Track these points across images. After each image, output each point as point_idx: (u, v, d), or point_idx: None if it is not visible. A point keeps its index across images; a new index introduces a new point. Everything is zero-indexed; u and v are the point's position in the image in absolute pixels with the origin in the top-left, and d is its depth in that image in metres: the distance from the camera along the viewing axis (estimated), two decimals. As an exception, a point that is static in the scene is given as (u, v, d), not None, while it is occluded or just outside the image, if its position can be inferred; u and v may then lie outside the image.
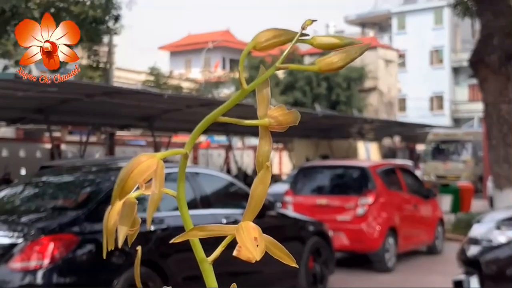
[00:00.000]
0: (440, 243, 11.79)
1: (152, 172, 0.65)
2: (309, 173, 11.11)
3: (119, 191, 0.63)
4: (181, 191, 0.67)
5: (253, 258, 0.62)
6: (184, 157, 0.66)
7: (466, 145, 26.79)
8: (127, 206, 0.65)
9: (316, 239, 8.13)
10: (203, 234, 0.66)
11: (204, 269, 0.67)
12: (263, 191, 0.65)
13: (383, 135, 28.96)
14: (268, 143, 0.66)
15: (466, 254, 4.90)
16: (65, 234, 5.31)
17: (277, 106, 0.67)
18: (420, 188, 11.75)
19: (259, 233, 0.63)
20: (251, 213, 0.65)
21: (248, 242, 0.63)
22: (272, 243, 0.68)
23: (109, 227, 0.65)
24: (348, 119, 23.58)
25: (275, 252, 0.69)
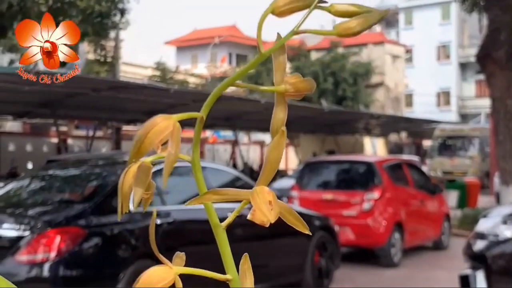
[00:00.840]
0: (446, 238, 11.77)
1: (168, 133, 0.65)
2: (315, 168, 11.11)
3: (135, 151, 0.63)
4: (196, 156, 0.67)
5: (268, 221, 0.62)
6: (200, 121, 0.66)
7: (473, 141, 26.73)
8: (142, 169, 0.65)
9: (322, 233, 8.12)
10: (218, 198, 0.66)
11: (217, 234, 0.67)
12: (278, 156, 0.65)
13: (390, 131, 28.91)
14: (283, 110, 0.66)
15: (472, 249, 4.88)
16: (72, 227, 5.32)
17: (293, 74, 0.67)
18: (427, 184, 11.73)
19: (273, 198, 0.63)
20: (266, 178, 0.65)
21: (262, 205, 0.62)
22: (286, 209, 0.67)
23: (124, 190, 0.65)
24: (354, 115, 23.55)
25: (289, 219, 0.68)
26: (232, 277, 0.67)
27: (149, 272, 0.65)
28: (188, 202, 0.66)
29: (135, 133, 2.48)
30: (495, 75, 12.03)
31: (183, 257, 0.69)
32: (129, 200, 0.66)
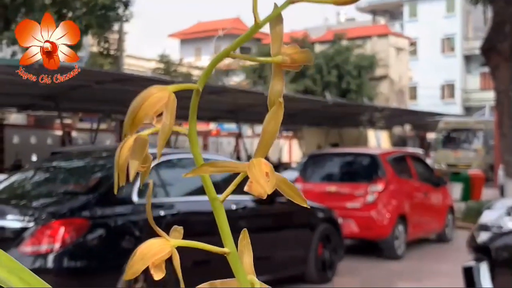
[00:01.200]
0: (450, 231, 11.77)
1: (163, 104, 0.64)
2: (319, 161, 11.11)
3: (130, 123, 0.63)
4: (193, 129, 0.67)
5: (264, 192, 0.62)
6: (196, 93, 0.66)
7: (477, 133, 26.68)
8: (139, 142, 0.64)
9: (325, 226, 8.13)
10: (214, 170, 0.65)
11: (215, 207, 0.67)
12: (275, 128, 0.65)
13: (394, 124, 28.88)
14: (280, 82, 0.66)
15: (476, 241, 4.88)
16: (76, 218, 5.34)
17: (290, 45, 0.67)
18: (431, 176, 11.72)
19: (270, 169, 0.62)
20: (263, 150, 0.65)
21: (259, 177, 0.62)
22: (283, 181, 0.66)
23: (121, 162, 0.65)
24: (358, 107, 23.52)
25: (286, 191, 0.68)
26: (230, 251, 0.67)
27: (146, 244, 0.65)
28: (185, 174, 0.66)
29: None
30: (499, 68, 12.00)
31: (180, 231, 0.69)
32: (125, 173, 0.66)
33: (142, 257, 0.65)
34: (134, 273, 0.64)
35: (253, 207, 7.19)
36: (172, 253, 0.66)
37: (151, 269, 0.65)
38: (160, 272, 0.66)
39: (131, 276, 0.64)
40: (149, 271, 2.73)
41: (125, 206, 5.75)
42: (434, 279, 8.38)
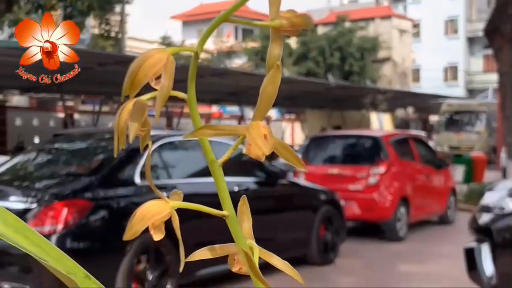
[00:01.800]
0: (452, 213, 11.79)
1: (162, 66, 0.64)
2: (321, 143, 11.10)
3: (129, 85, 0.63)
4: (191, 92, 0.67)
5: (263, 154, 0.62)
6: (195, 56, 0.66)
7: (480, 116, 26.63)
8: (138, 105, 0.65)
9: (327, 207, 8.15)
10: (213, 133, 0.65)
11: (214, 170, 0.67)
12: (273, 91, 0.65)
13: (397, 106, 28.81)
14: (279, 46, 0.66)
15: (478, 222, 4.89)
16: (79, 200, 5.35)
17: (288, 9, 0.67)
18: (433, 158, 11.72)
19: (268, 132, 0.63)
20: (261, 113, 0.65)
21: (258, 139, 0.62)
22: (281, 144, 0.67)
23: (120, 125, 0.65)
24: (361, 90, 23.45)
25: (284, 154, 0.67)
26: (228, 214, 0.67)
27: (146, 206, 0.65)
28: (184, 136, 0.66)
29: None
30: (502, 49, 11.94)
31: (180, 194, 0.69)
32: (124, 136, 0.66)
33: (142, 218, 0.65)
34: (134, 234, 0.64)
35: (256, 189, 7.21)
36: (171, 215, 0.66)
37: (151, 230, 0.65)
38: (159, 233, 0.66)
39: (131, 237, 0.64)
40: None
41: (128, 187, 5.76)
42: (436, 261, 8.41)
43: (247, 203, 0.70)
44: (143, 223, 0.65)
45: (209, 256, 0.71)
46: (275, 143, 0.64)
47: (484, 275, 4.68)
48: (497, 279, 4.57)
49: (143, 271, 5.65)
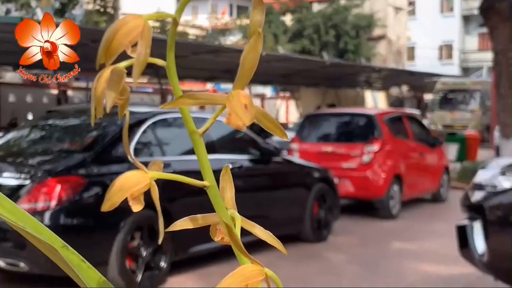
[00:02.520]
0: (445, 191, 11.85)
1: (138, 33, 0.62)
2: (315, 121, 11.10)
3: (104, 53, 0.62)
4: (170, 59, 0.65)
5: (243, 124, 0.61)
6: (174, 23, 0.65)
7: (474, 94, 26.63)
8: (115, 73, 0.63)
9: (321, 185, 8.17)
10: (193, 102, 0.64)
11: (194, 140, 0.66)
12: (254, 59, 0.63)
13: (391, 84, 28.79)
14: (260, 13, 0.64)
15: (470, 200, 4.91)
16: (72, 176, 5.35)
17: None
18: (427, 136, 11.74)
19: (249, 101, 0.61)
20: (242, 82, 0.63)
21: (238, 109, 0.61)
22: (263, 114, 0.65)
23: (97, 95, 0.63)
24: (356, 68, 23.41)
25: (265, 124, 0.66)
26: (209, 184, 0.66)
27: (125, 176, 0.64)
28: (162, 106, 0.65)
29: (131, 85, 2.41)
30: (498, 28, 11.91)
31: (160, 165, 0.68)
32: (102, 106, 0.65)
33: (120, 189, 0.63)
34: (112, 205, 0.63)
35: (249, 167, 7.22)
36: (150, 185, 0.65)
37: (130, 201, 0.64)
38: (139, 204, 0.65)
39: (109, 208, 0.63)
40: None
41: (121, 164, 5.76)
42: (428, 238, 8.47)
43: (230, 173, 0.69)
44: (121, 194, 0.63)
45: (190, 226, 0.70)
46: (256, 113, 0.63)
47: (476, 252, 4.71)
48: (489, 256, 4.61)
49: (137, 248, 5.67)
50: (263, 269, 0.63)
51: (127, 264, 5.54)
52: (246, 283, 0.61)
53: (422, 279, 6.43)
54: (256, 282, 0.62)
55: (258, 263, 0.63)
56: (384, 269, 6.89)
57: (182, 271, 6.31)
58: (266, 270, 0.63)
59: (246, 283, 0.61)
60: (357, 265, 7.08)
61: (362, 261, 7.24)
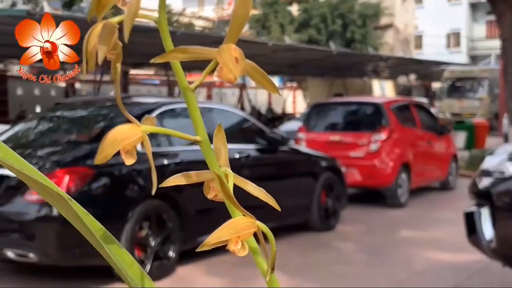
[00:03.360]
0: (453, 179, 11.82)
1: None
2: (322, 110, 11.08)
3: (95, 6, 0.62)
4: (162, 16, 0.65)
5: (234, 77, 0.61)
6: None
7: (482, 82, 26.50)
8: (107, 28, 0.63)
9: (328, 174, 8.17)
10: (184, 56, 0.64)
11: (187, 96, 0.66)
12: (245, 12, 0.63)
13: (399, 73, 28.68)
14: None
15: (478, 186, 4.90)
16: (80, 167, 5.37)
17: None
18: (435, 124, 11.71)
19: (240, 55, 0.61)
20: (232, 36, 0.63)
21: (229, 62, 0.61)
22: (254, 68, 0.65)
23: (89, 49, 0.64)
24: (363, 57, 23.33)
25: (256, 77, 0.65)
26: (201, 139, 0.67)
27: (116, 130, 0.64)
28: (153, 60, 0.65)
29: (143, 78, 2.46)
30: (505, 15, 11.83)
31: (153, 120, 0.68)
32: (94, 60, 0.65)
33: (112, 142, 0.63)
34: (104, 158, 0.63)
35: (256, 156, 7.22)
36: (143, 139, 0.65)
37: (122, 154, 0.64)
38: (131, 158, 0.65)
39: (102, 161, 0.64)
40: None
41: (129, 154, 5.77)
42: (437, 226, 8.46)
43: (223, 133, 0.69)
44: (113, 147, 0.63)
45: (183, 182, 0.71)
46: (247, 67, 0.63)
47: (484, 238, 4.71)
48: (497, 243, 4.60)
49: (145, 238, 5.69)
50: (255, 221, 0.64)
51: (135, 254, 5.57)
52: (237, 234, 0.62)
53: (430, 267, 6.43)
54: (248, 234, 0.63)
55: (250, 215, 0.63)
56: (392, 257, 6.90)
57: (191, 261, 6.34)
58: (258, 223, 0.64)
59: (237, 234, 0.62)
60: (365, 253, 7.09)
61: (370, 249, 7.25)
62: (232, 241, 0.62)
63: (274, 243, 0.64)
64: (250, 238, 0.65)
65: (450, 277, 6.01)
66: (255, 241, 0.66)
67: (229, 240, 0.62)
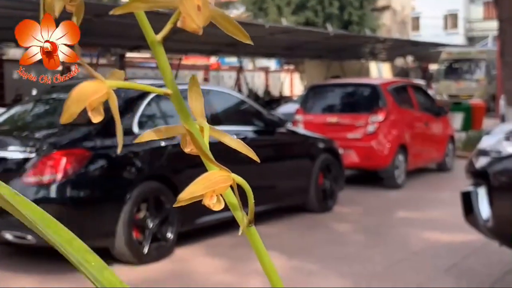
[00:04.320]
0: (450, 160, 11.85)
1: None
2: (320, 92, 11.07)
3: None
4: None
5: (198, 27, 0.58)
6: None
7: (479, 63, 26.47)
8: None
9: (326, 156, 8.18)
10: (146, 6, 0.60)
11: (155, 50, 0.63)
12: None
13: (396, 55, 28.61)
14: None
15: (475, 166, 4.91)
16: (77, 149, 5.37)
17: None
18: (432, 106, 11.71)
19: (204, 2, 0.58)
20: None
21: (191, 10, 0.58)
22: (222, 16, 0.62)
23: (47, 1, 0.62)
24: (360, 39, 23.25)
25: (224, 25, 0.63)
26: (171, 91, 0.65)
27: (81, 86, 0.61)
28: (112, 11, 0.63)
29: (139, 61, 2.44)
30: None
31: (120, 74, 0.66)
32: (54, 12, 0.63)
33: (78, 99, 0.61)
34: (70, 116, 0.60)
35: (254, 138, 7.23)
36: (108, 95, 0.63)
37: (89, 111, 0.62)
38: (98, 115, 0.62)
39: (67, 120, 0.61)
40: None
41: (126, 137, 5.77)
42: (434, 207, 8.49)
43: (198, 85, 0.67)
44: (79, 104, 0.61)
45: (155, 138, 0.68)
46: (212, 14, 0.60)
47: (481, 218, 4.73)
48: (493, 222, 4.62)
49: (143, 219, 5.71)
50: (231, 175, 0.62)
51: (134, 236, 5.58)
52: (212, 188, 0.61)
53: (427, 247, 6.46)
54: (224, 187, 0.61)
55: (225, 169, 0.62)
56: (389, 238, 6.93)
57: (189, 242, 6.36)
58: (234, 176, 0.62)
59: (212, 188, 0.61)
60: (362, 234, 7.12)
61: (367, 230, 7.28)
62: (207, 196, 0.61)
63: (252, 196, 0.62)
64: (229, 193, 0.64)
65: (447, 257, 6.04)
66: (234, 196, 0.64)
67: (204, 195, 0.60)
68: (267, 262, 0.65)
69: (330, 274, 5.52)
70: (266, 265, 0.65)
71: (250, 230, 0.64)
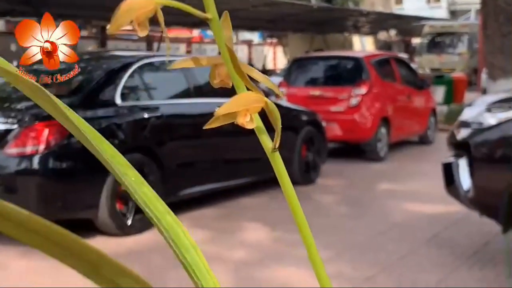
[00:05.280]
0: (432, 133, 11.94)
1: None
2: (303, 65, 11.06)
3: None
4: None
5: None
6: None
7: (462, 37, 26.54)
8: None
9: (309, 128, 8.21)
10: None
11: None
12: None
13: (379, 29, 28.60)
14: None
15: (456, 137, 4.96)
16: (59, 121, 5.33)
17: None
18: (414, 79, 11.75)
19: None
20: None
21: None
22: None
23: None
24: (343, 12, 23.20)
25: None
26: (211, 16, 0.65)
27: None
28: None
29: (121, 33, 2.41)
30: (486, -32, 11.79)
31: None
32: None
33: (127, 10, 0.61)
34: (117, 27, 0.60)
35: (237, 110, 7.22)
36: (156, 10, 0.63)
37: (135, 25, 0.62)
38: (145, 29, 0.63)
39: (115, 30, 0.62)
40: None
41: (108, 108, 5.75)
42: (416, 179, 8.58)
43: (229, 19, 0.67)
44: (127, 16, 0.61)
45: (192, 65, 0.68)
46: None
47: (462, 188, 4.78)
48: (474, 193, 4.68)
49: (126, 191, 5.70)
50: (264, 97, 0.63)
51: (117, 207, 5.59)
52: (247, 107, 0.61)
53: (408, 218, 6.54)
54: (257, 107, 0.62)
55: (258, 91, 0.63)
56: (371, 209, 6.99)
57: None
58: (267, 99, 0.63)
59: (247, 107, 0.61)
60: (344, 206, 7.18)
61: (350, 202, 7.34)
62: (241, 114, 0.62)
63: (280, 122, 0.63)
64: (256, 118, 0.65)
65: (428, 228, 6.12)
66: (260, 120, 0.66)
67: (238, 113, 0.61)
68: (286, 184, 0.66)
69: (313, 244, 5.56)
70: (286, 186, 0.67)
71: (274, 155, 0.65)
